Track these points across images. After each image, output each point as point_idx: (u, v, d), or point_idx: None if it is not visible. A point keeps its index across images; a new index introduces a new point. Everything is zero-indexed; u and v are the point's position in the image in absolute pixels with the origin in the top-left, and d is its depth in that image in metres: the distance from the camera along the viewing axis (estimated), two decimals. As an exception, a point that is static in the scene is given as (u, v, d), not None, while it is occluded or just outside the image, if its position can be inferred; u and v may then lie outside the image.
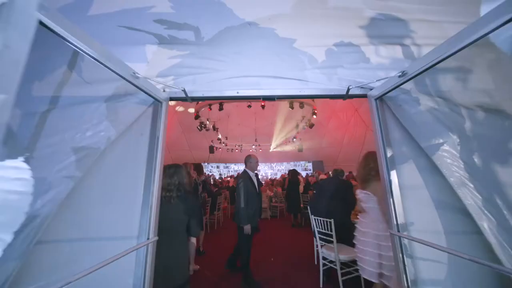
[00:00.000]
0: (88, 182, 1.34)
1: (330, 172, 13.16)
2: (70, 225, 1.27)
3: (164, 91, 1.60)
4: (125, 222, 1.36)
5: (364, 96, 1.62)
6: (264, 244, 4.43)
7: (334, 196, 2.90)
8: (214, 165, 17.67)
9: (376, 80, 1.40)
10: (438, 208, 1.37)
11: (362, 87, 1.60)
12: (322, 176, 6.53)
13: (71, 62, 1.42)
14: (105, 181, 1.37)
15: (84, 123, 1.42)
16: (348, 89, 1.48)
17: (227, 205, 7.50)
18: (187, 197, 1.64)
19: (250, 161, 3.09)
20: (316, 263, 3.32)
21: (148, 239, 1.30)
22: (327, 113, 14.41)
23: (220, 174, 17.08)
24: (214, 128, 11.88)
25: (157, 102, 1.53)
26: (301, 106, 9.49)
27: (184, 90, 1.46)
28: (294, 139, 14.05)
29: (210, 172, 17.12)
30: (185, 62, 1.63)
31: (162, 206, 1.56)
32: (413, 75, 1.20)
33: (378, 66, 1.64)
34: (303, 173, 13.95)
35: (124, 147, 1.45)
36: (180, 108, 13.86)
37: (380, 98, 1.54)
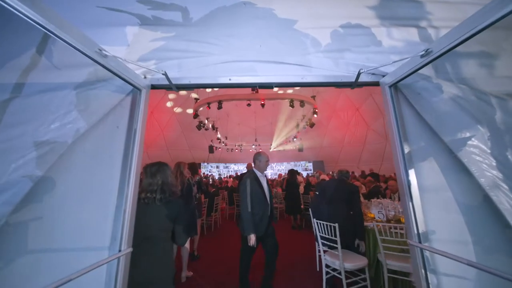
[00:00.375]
0: (50, 182, 1.14)
1: (331, 172, 12.96)
2: (27, 234, 1.06)
3: (145, 77, 1.39)
4: (95, 230, 1.15)
5: (376, 84, 1.41)
6: (260, 248, 4.21)
7: (337, 200, 2.65)
8: (214, 165, 17.48)
9: (393, 62, 1.19)
10: (465, 214, 1.15)
11: (373, 74, 1.39)
12: (323, 176, 6.32)
13: (40, 45, 1.23)
14: (71, 181, 1.17)
15: (50, 114, 1.22)
16: (359, 74, 1.27)
17: (226, 205, 7.29)
18: (172, 200, 1.43)
19: (259, 159, 2.58)
20: (318, 269, 3.11)
21: (120, 251, 1.09)
22: (327, 112, 14.23)
23: (220, 174, 16.88)
24: (214, 128, 11.67)
25: (136, 90, 1.32)
26: (302, 104, 9.29)
27: (165, 74, 1.25)
28: (295, 139, 13.85)
29: (209, 172, 16.93)
30: (169, 45, 1.42)
31: (142, 210, 1.35)
32: (440, 53, 0.99)
33: (391, 49, 1.43)
34: (304, 173, 13.75)
35: (97, 141, 1.25)
36: (178, 109, 13.70)
37: (395, 86, 1.33)
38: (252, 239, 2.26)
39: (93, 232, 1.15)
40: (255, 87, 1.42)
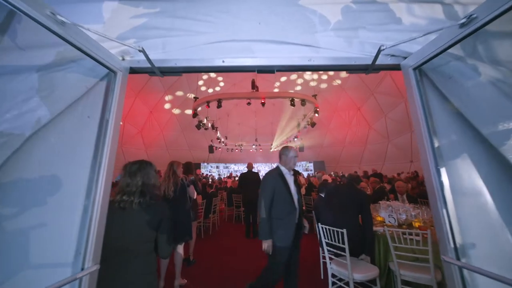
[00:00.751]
0: (1, 184, 0.93)
1: (333, 173, 12.73)
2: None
3: (123, 59, 1.18)
4: (57, 242, 0.93)
5: (396, 67, 1.19)
6: (261, 251, 3.99)
7: (345, 207, 2.41)
8: (214, 165, 17.29)
9: (424, 34, 0.97)
10: (509, 223, 0.94)
11: (393, 55, 1.18)
12: (326, 177, 6.10)
13: (3, 24, 1.02)
14: (29, 182, 0.96)
15: (5, 100, 1.01)
16: (379, 52, 1.05)
17: (225, 206, 7.07)
18: (154, 203, 1.23)
19: (286, 153, 2.20)
20: (322, 277, 2.89)
21: (82, 269, 0.88)
22: (328, 112, 14.03)
23: (219, 174, 16.68)
24: (213, 127, 11.46)
25: (111, 73, 1.11)
26: (303, 103, 9.08)
27: (143, 50, 1.03)
28: (295, 139, 13.64)
29: (209, 172, 16.74)
30: (152, 23, 1.21)
31: (117, 216, 1.14)
32: (488, 18, 0.77)
33: (413, 27, 1.22)
34: (305, 174, 13.54)
35: (62, 134, 1.04)
36: (176, 111, 13.52)
37: (419, 69, 1.12)
38: (265, 244, 1.96)
39: (54, 245, 0.94)
40: (253, 70, 1.20)
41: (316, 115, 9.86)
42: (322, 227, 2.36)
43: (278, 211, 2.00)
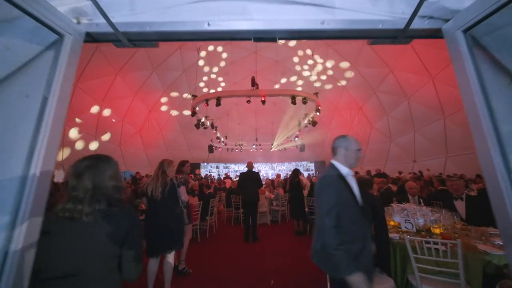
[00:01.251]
0: None
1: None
2: None
3: (78, 22, 0.91)
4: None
5: (436, 34, 0.91)
6: (261, 258, 3.72)
7: None
8: (214, 165, 17.06)
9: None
10: None
11: (431, 17, 0.90)
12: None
13: None
14: None
15: None
16: (420, 3, 0.77)
17: (223, 208, 6.79)
18: (116, 212, 0.94)
19: (345, 146, 1.50)
20: (329, 286, 2.61)
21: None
22: (329, 111, 13.76)
23: (219, 175, 16.44)
24: (213, 126, 11.19)
25: (60, 38, 0.84)
26: (304, 101, 8.82)
27: (96, 3, 0.75)
28: (296, 138, 13.38)
29: (209, 172, 16.51)
30: (119, -24, 0.94)
31: (63, 230, 0.85)
32: None
33: (456, -17, 0.95)
34: (305, 174, 13.26)
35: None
36: (174, 112, 13.26)
37: (469, 32, 0.84)
38: (353, 280, 1.19)
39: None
40: (248, 38, 0.93)
41: (318, 113, 9.59)
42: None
43: (346, 231, 1.28)
